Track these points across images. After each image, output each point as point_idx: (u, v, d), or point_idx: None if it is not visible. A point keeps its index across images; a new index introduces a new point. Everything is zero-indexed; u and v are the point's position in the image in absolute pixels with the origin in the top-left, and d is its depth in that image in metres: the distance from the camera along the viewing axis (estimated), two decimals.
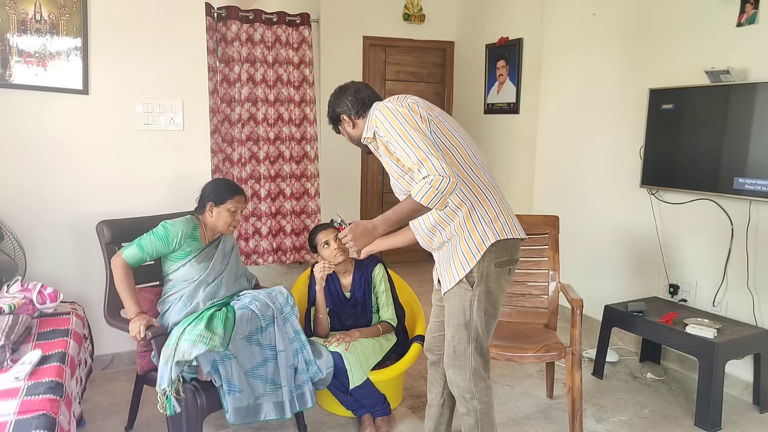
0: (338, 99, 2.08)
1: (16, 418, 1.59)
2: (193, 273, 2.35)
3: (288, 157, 4.68)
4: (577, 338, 2.46)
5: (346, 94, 2.06)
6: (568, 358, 2.49)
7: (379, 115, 1.91)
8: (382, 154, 2.00)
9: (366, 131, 2.03)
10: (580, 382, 2.50)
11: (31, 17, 2.72)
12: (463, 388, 2.00)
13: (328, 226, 2.68)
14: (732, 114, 2.91)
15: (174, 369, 2.04)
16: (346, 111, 2.05)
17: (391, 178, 2.04)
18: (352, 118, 2.06)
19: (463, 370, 1.99)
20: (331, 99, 2.12)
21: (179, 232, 2.33)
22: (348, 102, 2.05)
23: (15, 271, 2.52)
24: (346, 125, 2.09)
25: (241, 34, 4.36)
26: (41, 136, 2.83)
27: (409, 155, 1.78)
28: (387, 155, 1.95)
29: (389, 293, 2.79)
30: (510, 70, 4.41)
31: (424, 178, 1.73)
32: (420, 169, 1.75)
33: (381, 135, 1.91)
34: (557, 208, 4.11)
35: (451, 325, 2.00)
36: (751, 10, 2.83)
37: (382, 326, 2.73)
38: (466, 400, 2.01)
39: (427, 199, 1.73)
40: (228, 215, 2.41)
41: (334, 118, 2.13)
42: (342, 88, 2.10)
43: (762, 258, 2.86)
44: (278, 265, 4.95)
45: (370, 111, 2.01)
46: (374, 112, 1.96)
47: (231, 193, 2.44)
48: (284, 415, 2.25)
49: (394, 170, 1.97)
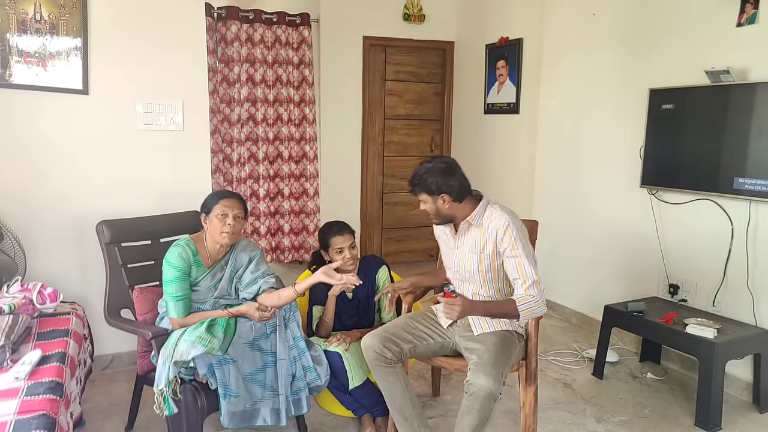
0: (445, 178, 2.19)
1: (16, 418, 1.59)
2: (200, 297, 2.32)
3: (287, 157, 4.68)
4: (533, 351, 2.31)
5: (454, 176, 2.21)
6: (521, 371, 2.32)
7: (513, 231, 2.18)
8: (478, 241, 2.25)
9: (477, 221, 2.24)
10: (533, 399, 2.33)
11: (31, 17, 2.72)
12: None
13: (343, 231, 2.62)
14: (732, 114, 2.91)
15: (171, 369, 2.03)
16: (449, 192, 2.20)
17: (460, 251, 2.31)
18: (452, 200, 2.22)
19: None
20: (433, 172, 2.20)
21: (182, 253, 2.24)
22: (455, 185, 2.20)
23: (15, 271, 2.52)
24: (442, 203, 2.22)
25: (240, 34, 4.36)
26: (41, 136, 2.83)
27: (526, 271, 2.16)
28: (485, 249, 2.23)
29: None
30: (510, 70, 4.41)
31: (533, 297, 2.13)
32: (530, 288, 2.14)
33: (507, 243, 2.18)
34: (557, 208, 4.11)
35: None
36: (751, 10, 2.83)
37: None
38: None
39: (526, 315, 2.16)
40: (218, 221, 2.26)
41: (431, 191, 2.21)
42: (450, 169, 2.21)
43: (762, 258, 2.86)
44: (277, 265, 4.95)
45: (479, 206, 2.25)
46: (506, 222, 2.19)
47: (216, 198, 2.31)
48: (280, 422, 2.23)
49: (475, 252, 2.26)
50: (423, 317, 2.46)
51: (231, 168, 4.49)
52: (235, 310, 2.27)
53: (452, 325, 2.39)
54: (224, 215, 2.26)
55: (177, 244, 2.28)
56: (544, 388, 3.00)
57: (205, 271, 2.31)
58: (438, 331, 2.40)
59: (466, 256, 2.29)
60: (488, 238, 2.23)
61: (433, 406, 2.84)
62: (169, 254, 2.25)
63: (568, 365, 3.32)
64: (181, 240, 2.31)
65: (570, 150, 3.99)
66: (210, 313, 2.25)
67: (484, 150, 4.82)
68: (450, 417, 2.72)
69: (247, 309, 2.27)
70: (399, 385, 2.29)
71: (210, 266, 2.33)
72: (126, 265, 2.55)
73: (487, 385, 2.00)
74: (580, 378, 3.17)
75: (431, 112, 5.34)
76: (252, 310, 2.26)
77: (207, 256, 2.33)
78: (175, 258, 2.23)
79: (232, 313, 2.26)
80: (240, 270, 2.38)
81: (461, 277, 2.36)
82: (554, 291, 4.11)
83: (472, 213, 2.26)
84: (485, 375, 2.03)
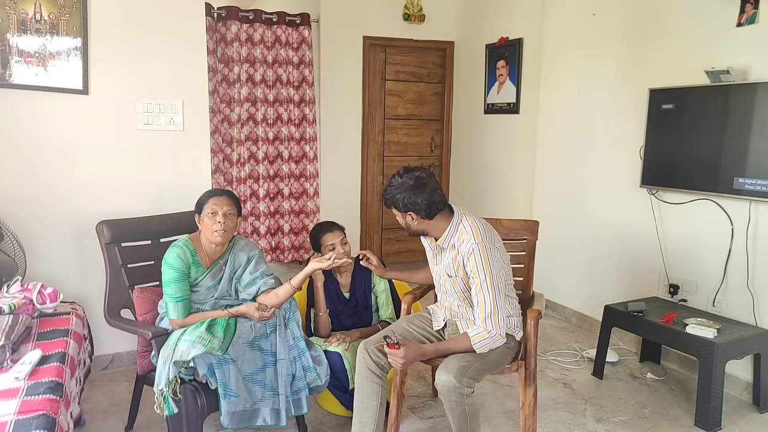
0: (412, 196, 2.12)
1: (16, 418, 1.59)
2: (200, 297, 2.33)
3: (287, 157, 4.68)
4: (533, 351, 2.28)
5: (421, 194, 2.12)
6: (521, 372, 2.30)
7: (477, 257, 2.12)
8: (451, 264, 2.22)
9: (448, 243, 2.20)
10: (533, 399, 2.31)
11: (31, 17, 2.72)
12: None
13: (332, 228, 2.65)
14: (732, 114, 2.91)
15: (171, 369, 2.03)
16: (416, 210, 2.15)
17: (439, 267, 2.30)
18: (420, 218, 2.17)
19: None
20: (400, 188, 2.14)
21: (180, 253, 2.24)
22: (422, 204, 2.13)
23: (15, 271, 2.52)
24: (411, 219, 2.19)
25: (240, 35, 4.36)
26: (41, 136, 2.83)
27: (486, 302, 2.11)
28: (459, 272, 2.20)
29: (389, 293, 2.79)
30: (510, 70, 4.41)
31: (487, 330, 2.10)
32: (486, 320, 2.11)
33: (469, 269, 2.14)
34: (557, 208, 4.11)
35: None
36: (751, 10, 2.83)
37: (381, 326, 2.72)
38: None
39: (481, 349, 2.12)
40: (209, 220, 2.25)
41: (398, 207, 2.18)
42: (418, 185, 2.13)
43: (762, 258, 2.86)
44: (277, 265, 4.96)
45: (450, 226, 2.19)
46: (471, 248, 2.12)
47: (207, 196, 2.32)
48: (279, 422, 2.24)
49: (451, 276, 2.24)
50: (420, 319, 2.47)
51: (231, 168, 4.49)
52: (234, 310, 2.28)
53: (444, 329, 2.40)
54: (214, 213, 2.26)
55: (175, 245, 2.28)
56: (544, 388, 3.00)
57: (204, 271, 2.31)
58: (434, 333, 2.42)
59: (444, 276, 2.29)
60: (459, 262, 2.20)
61: (433, 406, 2.84)
62: (168, 255, 2.25)
63: (568, 365, 3.32)
64: (179, 241, 2.31)
65: (570, 150, 3.99)
66: (210, 314, 2.25)
67: (484, 150, 4.82)
68: None
69: (247, 309, 2.27)
70: (374, 406, 2.23)
71: (209, 266, 2.33)
72: (126, 265, 2.55)
73: (447, 380, 2.02)
74: (580, 378, 3.17)
75: (431, 112, 5.34)
76: (252, 310, 2.26)
77: (205, 257, 2.32)
78: (173, 259, 2.23)
79: (231, 313, 2.27)
80: (239, 270, 2.38)
81: (444, 291, 2.35)
82: (554, 291, 4.12)
83: (443, 235, 2.21)
84: (445, 371, 2.04)
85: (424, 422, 2.69)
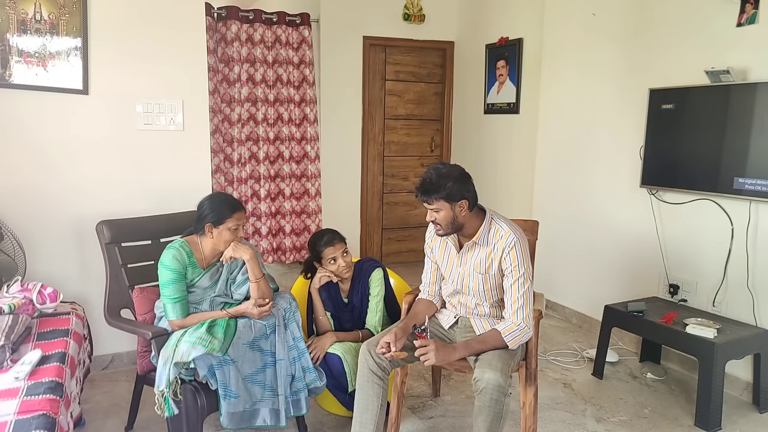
0: (465, 184, 2.13)
1: (16, 418, 1.59)
2: (197, 298, 2.33)
3: (288, 157, 4.68)
4: (533, 351, 2.27)
5: (471, 182, 2.16)
6: (521, 372, 2.29)
7: (518, 250, 2.15)
8: (483, 261, 2.20)
9: (484, 240, 2.19)
10: (534, 399, 2.30)
11: (31, 17, 2.72)
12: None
13: (333, 241, 2.60)
14: (732, 114, 2.91)
15: (172, 370, 2.04)
16: (470, 199, 2.14)
17: (462, 269, 2.27)
18: (468, 208, 2.15)
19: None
20: (450, 176, 2.10)
21: (176, 255, 2.24)
22: (473, 192, 2.15)
23: (15, 271, 2.52)
24: (459, 210, 2.13)
25: (240, 34, 4.36)
26: (41, 136, 2.83)
27: (519, 294, 2.14)
28: (490, 269, 2.20)
29: (380, 299, 2.68)
30: (510, 70, 4.41)
31: (516, 324, 2.13)
32: (518, 311, 2.14)
33: (508, 263, 2.15)
34: (557, 208, 4.11)
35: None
36: (751, 10, 2.83)
37: (363, 334, 2.63)
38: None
39: (514, 344, 2.14)
40: (229, 234, 2.26)
41: (448, 196, 2.10)
42: (465, 174, 2.15)
43: (762, 258, 2.86)
44: (278, 265, 4.96)
45: (484, 223, 2.19)
46: (513, 242, 2.14)
47: (230, 210, 2.27)
48: (279, 422, 2.24)
49: (481, 273, 2.23)
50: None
51: (231, 168, 4.49)
52: (234, 311, 2.28)
53: (453, 326, 2.39)
54: (236, 229, 2.28)
55: (171, 246, 2.27)
56: (544, 388, 3.00)
57: (201, 272, 2.32)
58: (440, 332, 2.40)
59: (471, 275, 2.25)
60: (494, 257, 2.19)
61: (433, 406, 2.84)
62: (164, 257, 2.25)
63: (568, 365, 3.32)
64: (174, 242, 2.30)
65: (570, 150, 3.99)
66: (210, 314, 2.26)
67: (484, 150, 4.82)
68: (450, 417, 2.72)
69: (246, 307, 2.28)
70: (375, 407, 2.19)
71: (206, 268, 2.34)
72: (126, 265, 2.55)
73: (495, 377, 2.00)
74: (580, 378, 3.17)
75: (431, 112, 5.34)
76: (250, 307, 2.27)
77: (202, 258, 2.33)
78: (169, 260, 2.23)
79: (231, 313, 2.27)
80: (235, 271, 2.39)
81: (460, 291, 2.33)
82: (554, 291, 4.11)
83: (478, 231, 2.19)
84: (491, 369, 2.02)
85: (424, 422, 2.69)
